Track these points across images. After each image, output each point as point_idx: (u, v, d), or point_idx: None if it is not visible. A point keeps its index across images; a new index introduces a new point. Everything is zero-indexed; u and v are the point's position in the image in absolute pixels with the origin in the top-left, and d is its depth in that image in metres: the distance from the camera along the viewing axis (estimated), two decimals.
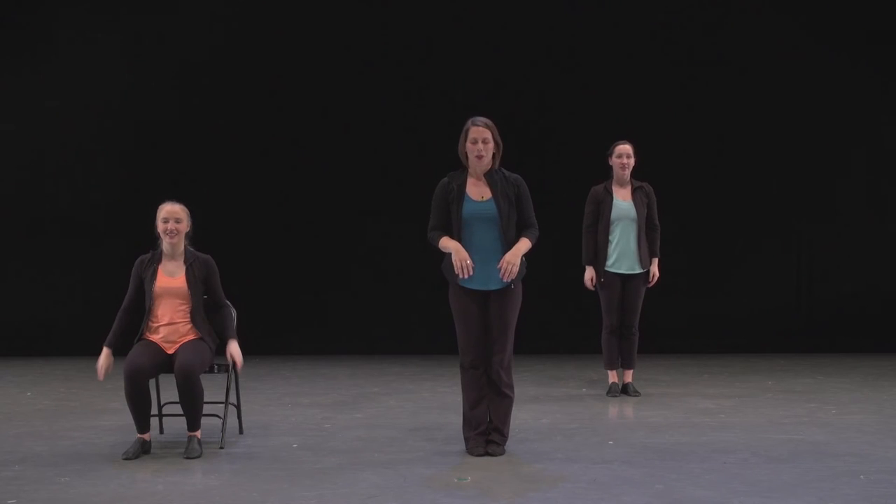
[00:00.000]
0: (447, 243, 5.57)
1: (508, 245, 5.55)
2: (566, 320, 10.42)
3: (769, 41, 10.80)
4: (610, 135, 8.01)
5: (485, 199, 5.56)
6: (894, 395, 7.88)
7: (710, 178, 10.79)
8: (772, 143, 10.82)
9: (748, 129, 10.81)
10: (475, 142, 5.55)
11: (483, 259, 5.56)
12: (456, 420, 6.80)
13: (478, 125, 5.57)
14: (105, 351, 5.82)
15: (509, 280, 5.55)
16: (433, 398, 7.84)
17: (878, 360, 9.88)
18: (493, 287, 5.60)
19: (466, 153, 5.60)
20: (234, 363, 5.91)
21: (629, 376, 7.89)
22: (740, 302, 10.88)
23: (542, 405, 7.39)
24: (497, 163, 5.64)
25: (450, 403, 7.53)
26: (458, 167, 5.70)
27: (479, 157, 5.55)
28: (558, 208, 9.26)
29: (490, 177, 5.60)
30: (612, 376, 7.89)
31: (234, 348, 5.94)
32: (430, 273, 10.27)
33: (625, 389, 7.85)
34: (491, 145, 5.56)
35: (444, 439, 6.18)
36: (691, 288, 10.84)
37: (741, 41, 10.79)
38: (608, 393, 7.82)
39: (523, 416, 6.40)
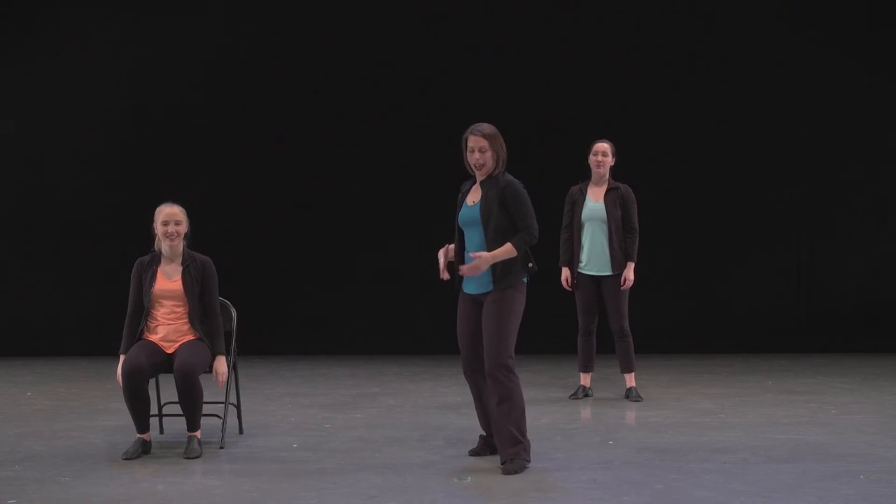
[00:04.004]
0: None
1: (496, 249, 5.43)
2: (566, 320, 10.41)
3: (770, 41, 10.78)
4: (610, 135, 7.98)
5: (474, 203, 5.55)
6: (894, 395, 7.89)
7: (710, 178, 10.77)
8: (773, 143, 10.81)
9: (749, 129, 10.79)
10: (472, 151, 5.51)
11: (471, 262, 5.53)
12: (456, 420, 6.81)
13: (475, 134, 5.50)
14: (122, 359, 5.80)
15: (462, 275, 5.48)
16: (433, 398, 7.84)
17: (878, 360, 9.88)
18: (478, 291, 5.53)
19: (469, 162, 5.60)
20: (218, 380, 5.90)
21: (631, 380, 7.71)
22: (740, 302, 10.86)
23: (542, 405, 7.39)
24: (500, 168, 5.54)
25: (450, 403, 7.54)
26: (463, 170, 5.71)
27: (479, 168, 5.51)
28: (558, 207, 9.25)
29: (485, 182, 5.54)
30: (583, 379, 7.80)
31: (220, 365, 5.92)
32: (430, 273, 10.29)
33: (627, 394, 7.71)
34: (488, 154, 5.47)
35: (444, 439, 6.18)
36: (691, 288, 10.83)
37: (742, 40, 10.77)
38: (571, 395, 7.74)
39: None
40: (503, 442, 5.41)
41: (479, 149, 5.48)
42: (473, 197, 5.59)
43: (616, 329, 7.63)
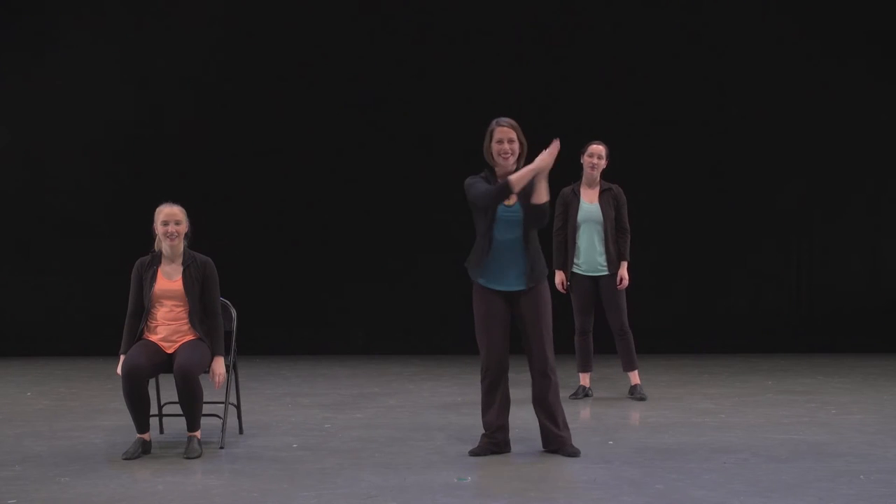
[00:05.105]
0: (522, 171, 5.48)
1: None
2: (564, 320, 10.41)
3: (769, 38, 10.80)
4: (608, 134, 7.98)
5: (511, 203, 5.57)
6: (894, 395, 7.89)
7: (710, 178, 10.79)
8: (772, 143, 10.82)
9: (748, 129, 10.81)
10: (501, 142, 5.58)
11: (504, 260, 5.58)
12: (456, 420, 6.81)
13: (503, 125, 5.61)
14: (122, 359, 5.79)
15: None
16: (433, 398, 7.84)
17: (878, 360, 9.88)
18: (514, 288, 5.61)
19: (492, 154, 5.62)
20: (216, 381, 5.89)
21: (635, 377, 7.72)
22: (740, 302, 10.88)
23: None
24: (522, 163, 5.63)
25: (450, 403, 7.54)
26: (481, 168, 5.70)
27: (506, 157, 5.57)
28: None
29: None
30: (582, 379, 7.81)
31: (217, 366, 5.91)
32: (430, 273, 10.31)
33: (631, 392, 7.72)
34: (516, 145, 5.60)
35: (444, 439, 6.18)
36: (691, 288, 10.84)
37: (742, 39, 10.79)
38: (571, 395, 7.70)
39: (523, 416, 6.41)
40: (564, 429, 5.70)
41: (509, 139, 5.60)
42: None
43: (616, 328, 7.64)
